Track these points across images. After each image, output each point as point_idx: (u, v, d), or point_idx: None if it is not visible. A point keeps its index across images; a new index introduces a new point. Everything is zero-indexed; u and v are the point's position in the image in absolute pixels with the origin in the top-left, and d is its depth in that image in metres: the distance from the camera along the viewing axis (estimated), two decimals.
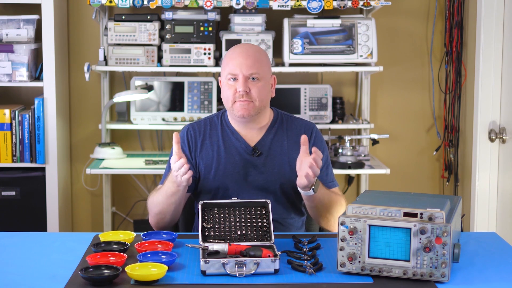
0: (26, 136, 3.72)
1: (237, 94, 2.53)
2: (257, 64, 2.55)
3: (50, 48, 3.71)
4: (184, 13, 3.80)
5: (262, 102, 2.56)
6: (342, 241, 2.05)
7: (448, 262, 1.98)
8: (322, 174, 2.65)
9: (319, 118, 3.94)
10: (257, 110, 2.56)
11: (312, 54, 3.78)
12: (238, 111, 2.54)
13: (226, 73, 2.56)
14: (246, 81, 2.53)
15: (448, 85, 4.14)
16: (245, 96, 2.52)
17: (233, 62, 2.55)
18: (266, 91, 2.58)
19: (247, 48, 2.60)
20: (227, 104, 2.58)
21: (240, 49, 2.59)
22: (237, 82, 2.54)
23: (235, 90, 2.53)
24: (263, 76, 2.56)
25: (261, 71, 2.55)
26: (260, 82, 2.55)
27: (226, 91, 2.57)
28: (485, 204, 3.88)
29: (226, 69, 2.56)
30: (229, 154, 2.61)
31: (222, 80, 2.60)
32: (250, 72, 2.53)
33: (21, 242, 2.39)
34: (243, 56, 2.55)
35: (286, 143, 2.64)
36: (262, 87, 2.55)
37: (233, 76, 2.54)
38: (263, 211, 2.31)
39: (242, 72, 2.53)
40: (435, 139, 4.23)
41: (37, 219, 3.74)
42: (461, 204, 2.25)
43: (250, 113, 2.55)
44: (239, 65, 2.53)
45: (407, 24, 4.16)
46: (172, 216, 2.58)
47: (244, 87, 2.52)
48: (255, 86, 2.54)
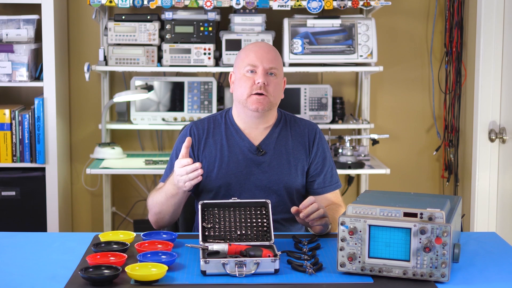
0: (26, 136, 3.72)
1: (255, 86, 2.52)
2: (277, 60, 2.57)
3: (50, 48, 3.71)
4: (184, 13, 3.80)
5: (275, 99, 2.57)
6: (342, 241, 2.05)
7: (448, 262, 1.98)
8: (326, 176, 2.66)
9: (319, 118, 3.94)
10: (271, 106, 2.56)
11: (312, 54, 3.78)
12: (252, 104, 2.53)
13: (245, 64, 2.55)
14: (266, 74, 2.53)
15: (448, 85, 4.14)
16: (263, 89, 2.52)
17: (254, 54, 2.54)
18: (280, 89, 2.59)
19: (267, 44, 2.62)
20: (241, 97, 2.56)
21: (261, 44, 2.61)
22: (255, 75, 2.53)
23: (253, 82, 2.52)
24: (279, 74, 2.58)
25: (279, 67, 2.57)
26: (277, 79, 2.56)
27: (242, 84, 2.55)
28: (485, 204, 3.88)
29: (246, 60, 2.55)
30: (232, 153, 2.61)
31: (238, 73, 2.57)
32: (271, 66, 2.54)
33: (21, 242, 2.38)
34: (264, 50, 2.56)
35: (291, 143, 2.64)
36: (278, 84, 2.57)
37: (252, 67, 2.53)
38: (263, 211, 2.31)
39: (263, 65, 2.53)
40: (435, 139, 4.23)
41: (37, 219, 3.74)
42: (461, 204, 2.25)
43: (264, 108, 2.54)
44: (260, 58, 2.53)
45: (407, 24, 4.16)
46: (172, 216, 2.58)
47: (264, 79, 2.52)
48: (273, 82, 2.55)
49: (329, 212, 2.54)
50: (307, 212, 2.34)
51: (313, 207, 2.34)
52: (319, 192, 2.66)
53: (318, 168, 2.65)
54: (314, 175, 2.66)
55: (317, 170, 2.65)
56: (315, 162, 2.65)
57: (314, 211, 2.34)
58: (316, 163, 2.65)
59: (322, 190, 2.66)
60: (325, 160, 2.67)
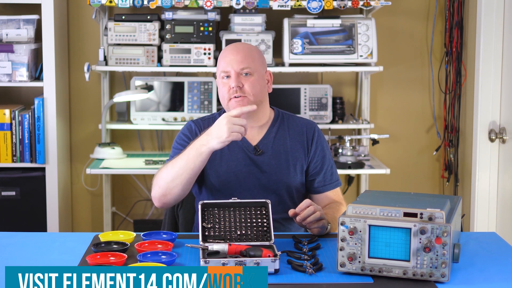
0: (26, 136, 3.72)
1: (231, 91, 2.53)
2: (248, 59, 2.55)
3: (50, 48, 3.71)
4: (184, 13, 3.80)
5: (256, 96, 2.56)
6: (342, 241, 2.05)
7: (448, 262, 1.98)
8: (326, 174, 2.66)
9: (319, 118, 3.94)
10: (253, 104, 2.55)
11: (312, 54, 3.78)
12: (234, 107, 2.53)
13: (219, 71, 2.58)
14: (238, 76, 2.54)
15: (448, 85, 4.14)
16: (239, 91, 2.52)
17: (225, 60, 2.56)
18: (260, 85, 2.57)
19: (237, 45, 2.62)
20: (223, 103, 2.59)
21: (231, 47, 2.61)
22: (230, 79, 2.54)
23: (229, 87, 2.54)
24: (255, 71, 2.56)
25: (252, 65, 2.55)
26: (253, 77, 2.55)
27: (221, 89, 2.58)
28: (485, 204, 3.88)
29: (220, 67, 2.58)
30: (232, 153, 2.61)
31: (218, 80, 2.61)
32: (241, 67, 2.54)
33: (21, 242, 2.38)
34: (233, 53, 2.56)
35: (289, 142, 2.64)
36: (255, 81, 2.55)
37: (226, 73, 2.55)
38: (263, 211, 2.31)
39: (233, 68, 2.53)
40: (435, 139, 4.23)
41: (37, 219, 3.74)
42: (461, 204, 2.25)
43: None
44: (230, 62, 2.54)
45: (407, 24, 4.16)
46: (183, 188, 2.49)
47: (236, 83, 2.52)
48: (248, 81, 2.54)
49: (330, 211, 2.54)
50: (303, 216, 2.34)
51: (309, 210, 2.34)
52: (320, 190, 2.66)
53: (317, 167, 2.65)
54: (314, 173, 2.65)
55: (317, 169, 2.65)
56: (314, 160, 2.65)
57: (310, 214, 2.34)
58: (315, 162, 2.65)
59: (323, 189, 2.66)
60: (324, 158, 2.66)
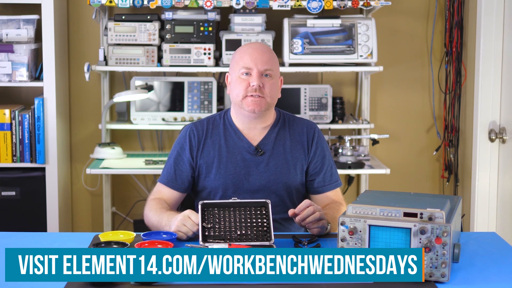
0: (26, 136, 3.72)
1: (250, 88, 2.52)
2: (272, 61, 2.57)
3: (50, 48, 3.71)
4: (184, 13, 3.80)
5: (272, 99, 2.57)
6: (342, 241, 2.05)
7: (448, 262, 1.98)
8: (326, 174, 2.66)
9: (319, 118, 3.94)
10: (267, 106, 2.56)
11: (312, 54, 3.78)
12: (248, 105, 2.53)
13: (239, 67, 2.55)
14: (261, 76, 2.54)
15: (448, 85, 4.14)
16: (258, 91, 2.52)
17: (249, 56, 2.55)
18: (276, 89, 2.60)
19: (261, 45, 2.62)
20: (236, 99, 2.56)
21: (255, 45, 2.60)
22: (250, 77, 2.54)
23: (248, 84, 2.53)
24: (275, 74, 2.58)
25: (274, 68, 2.57)
26: (273, 80, 2.56)
27: (237, 86, 2.55)
28: (485, 204, 3.88)
29: (240, 63, 2.55)
30: (231, 153, 2.61)
31: (234, 75, 2.58)
32: (265, 67, 2.54)
33: (21, 242, 2.38)
34: (258, 52, 2.56)
35: (289, 142, 2.64)
36: (274, 84, 2.57)
37: (247, 70, 2.54)
38: (263, 211, 2.31)
39: (257, 67, 2.53)
40: (435, 139, 4.23)
41: (37, 219, 3.74)
42: (461, 204, 2.25)
43: (261, 109, 2.54)
44: (254, 60, 2.54)
45: (407, 24, 4.16)
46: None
47: (259, 82, 2.52)
48: (268, 83, 2.55)
49: (330, 211, 2.54)
50: (303, 216, 2.34)
51: (309, 210, 2.34)
52: (320, 190, 2.66)
53: (317, 167, 2.65)
54: (314, 173, 2.66)
55: (317, 169, 2.65)
56: (314, 161, 2.65)
57: (309, 214, 2.34)
58: (315, 162, 2.65)
59: (323, 189, 2.66)
60: (324, 158, 2.67)
